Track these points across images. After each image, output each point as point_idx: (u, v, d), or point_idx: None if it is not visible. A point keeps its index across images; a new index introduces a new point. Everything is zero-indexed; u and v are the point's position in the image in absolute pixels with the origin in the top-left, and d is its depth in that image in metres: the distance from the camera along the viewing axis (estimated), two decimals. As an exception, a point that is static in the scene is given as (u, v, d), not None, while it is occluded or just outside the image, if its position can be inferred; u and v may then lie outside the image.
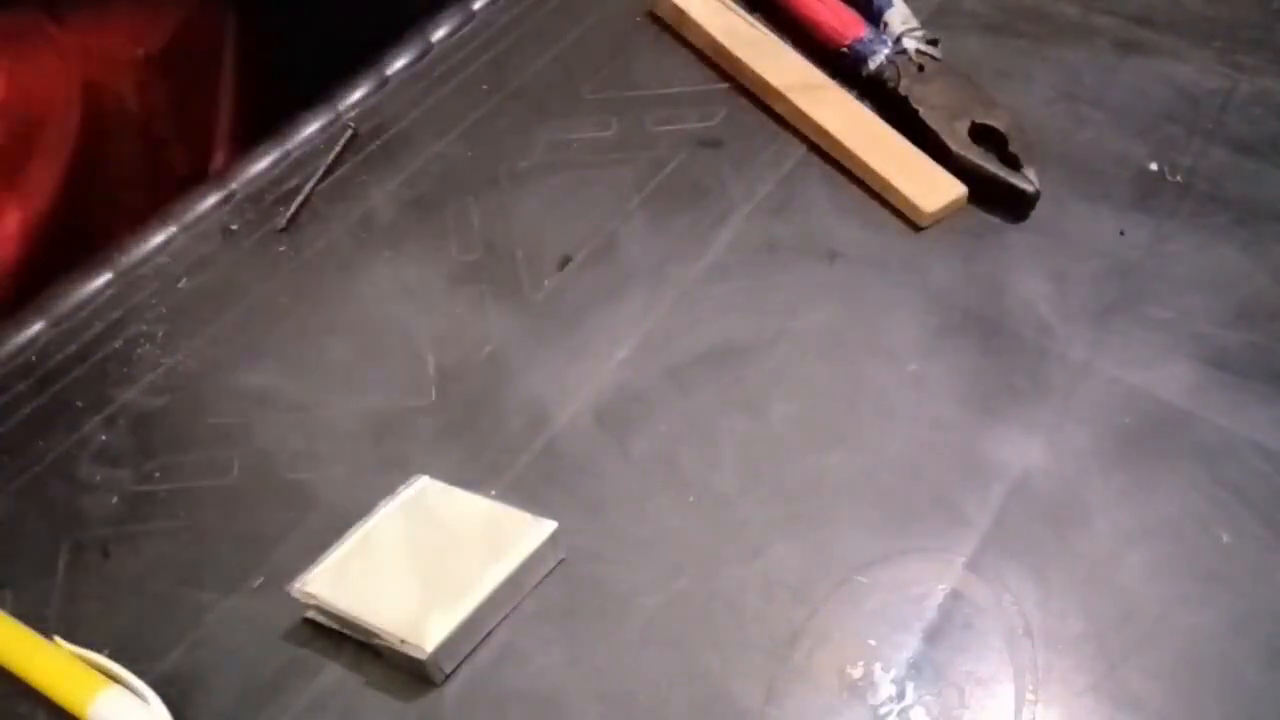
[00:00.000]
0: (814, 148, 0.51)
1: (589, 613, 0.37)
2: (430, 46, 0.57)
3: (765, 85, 0.53)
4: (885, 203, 0.49)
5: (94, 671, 0.35)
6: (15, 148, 0.52)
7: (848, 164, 0.50)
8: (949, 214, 0.48)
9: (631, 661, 0.36)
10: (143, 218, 0.49)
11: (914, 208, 0.48)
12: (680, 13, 0.56)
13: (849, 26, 0.54)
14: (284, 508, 0.40)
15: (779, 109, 0.53)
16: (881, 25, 0.54)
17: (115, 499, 0.41)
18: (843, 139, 0.50)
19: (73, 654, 0.36)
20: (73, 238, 0.50)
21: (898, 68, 0.52)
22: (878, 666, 0.35)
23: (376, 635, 0.35)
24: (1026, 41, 0.56)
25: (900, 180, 0.48)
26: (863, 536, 0.38)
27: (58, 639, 0.36)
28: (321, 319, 0.46)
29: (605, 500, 0.40)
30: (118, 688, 0.35)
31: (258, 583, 0.38)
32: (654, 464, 0.40)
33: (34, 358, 0.45)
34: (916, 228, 0.48)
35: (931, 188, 0.48)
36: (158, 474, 0.41)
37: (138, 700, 0.34)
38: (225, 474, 0.41)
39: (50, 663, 0.35)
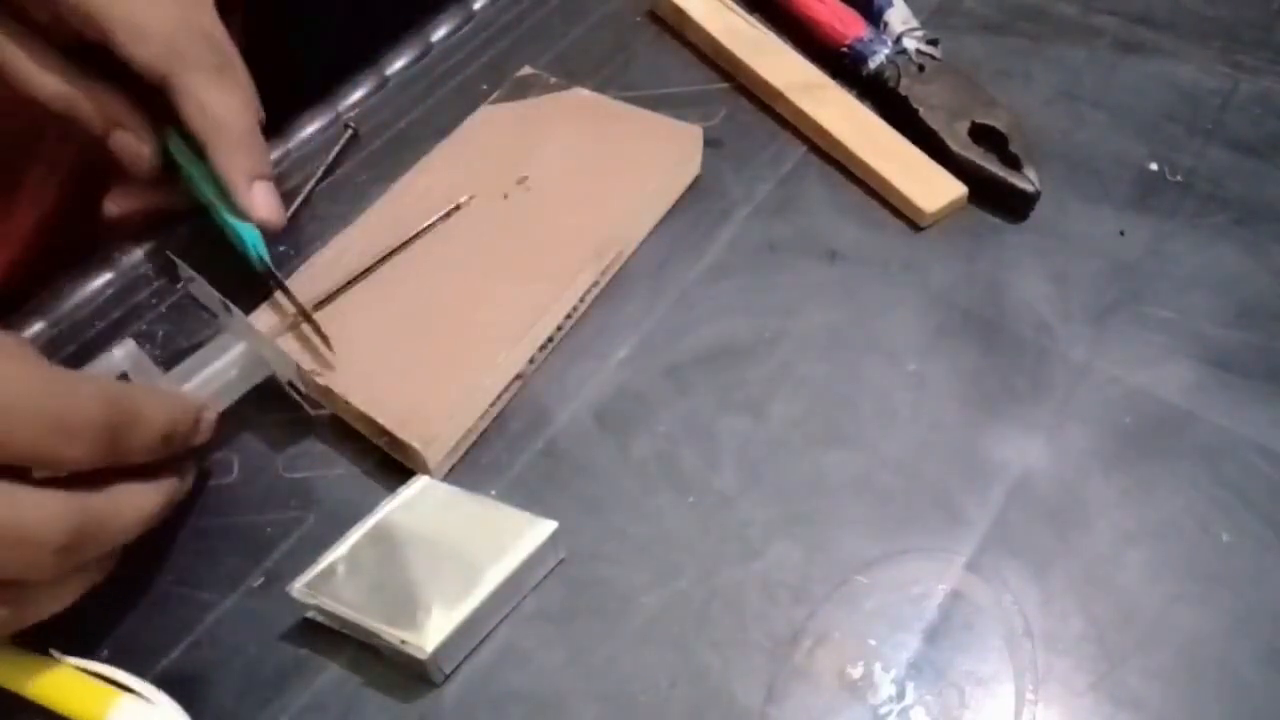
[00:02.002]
0: (814, 148, 0.51)
1: (589, 613, 0.37)
2: (430, 46, 0.57)
3: (765, 85, 0.53)
4: (885, 203, 0.49)
5: (104, 685, 0.34)
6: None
7: (848, 164, 0.50)
8: (949, 214, 0.48)
9: (631, 661, 0.36)
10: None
11: (914, 208, 0.48)
12: (680, 13, 0.56)
13: (849, 26, 0.54)
14: (284, 508, 0.40)
15: (779, 109, 0.53)
16: (881, 25, 0.54)
17: (115, 499, 0.41)
18: (843, 139, 0.50)
19: (79, 670, 0.35)
20: (75, 240, 0.50)
21: (898, 68, 0.52)
22: (878, 666, 0.35)
23: (376, 635, 0.35)
24: (1026, 41, 0.56)
25: (900, 180, 0.48)
26: (863, 536, 0.38)
27: (53, 651, 0.35)
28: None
29: (605, 500, 0.40)
30: (130, 697, 0.34)
31: (258, 583, 0.38)
32: (654, 464, 0.40)
33: (34, 358, 0.45)
34: (916, 228, 0.48)
35: (931, 188, 0.48)
36: (158, 474, 0.41)
37: (153, 707, 0.34)
38: (225, 474, 0.41)
39: (60, 682, 0.35)
